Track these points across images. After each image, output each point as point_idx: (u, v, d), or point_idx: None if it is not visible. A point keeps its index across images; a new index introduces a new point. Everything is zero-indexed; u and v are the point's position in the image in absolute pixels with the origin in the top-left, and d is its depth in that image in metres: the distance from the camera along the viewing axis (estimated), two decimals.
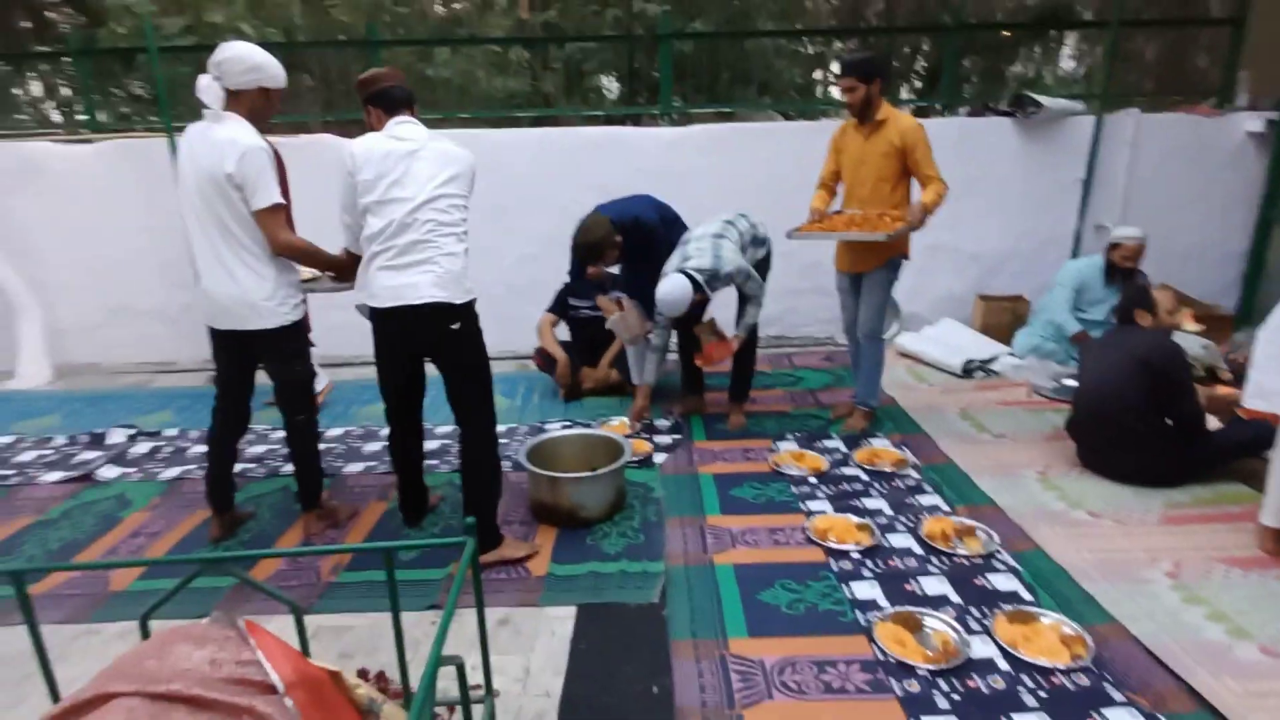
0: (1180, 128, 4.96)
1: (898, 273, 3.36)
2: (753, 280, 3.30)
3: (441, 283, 2.27)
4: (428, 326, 2.30)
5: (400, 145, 2.31)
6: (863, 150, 3.24)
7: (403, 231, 2.25)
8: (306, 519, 2.68)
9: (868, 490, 2.90)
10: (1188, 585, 2.24)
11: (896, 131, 3.11)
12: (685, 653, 1.99)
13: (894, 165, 3.17)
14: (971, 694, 1.81)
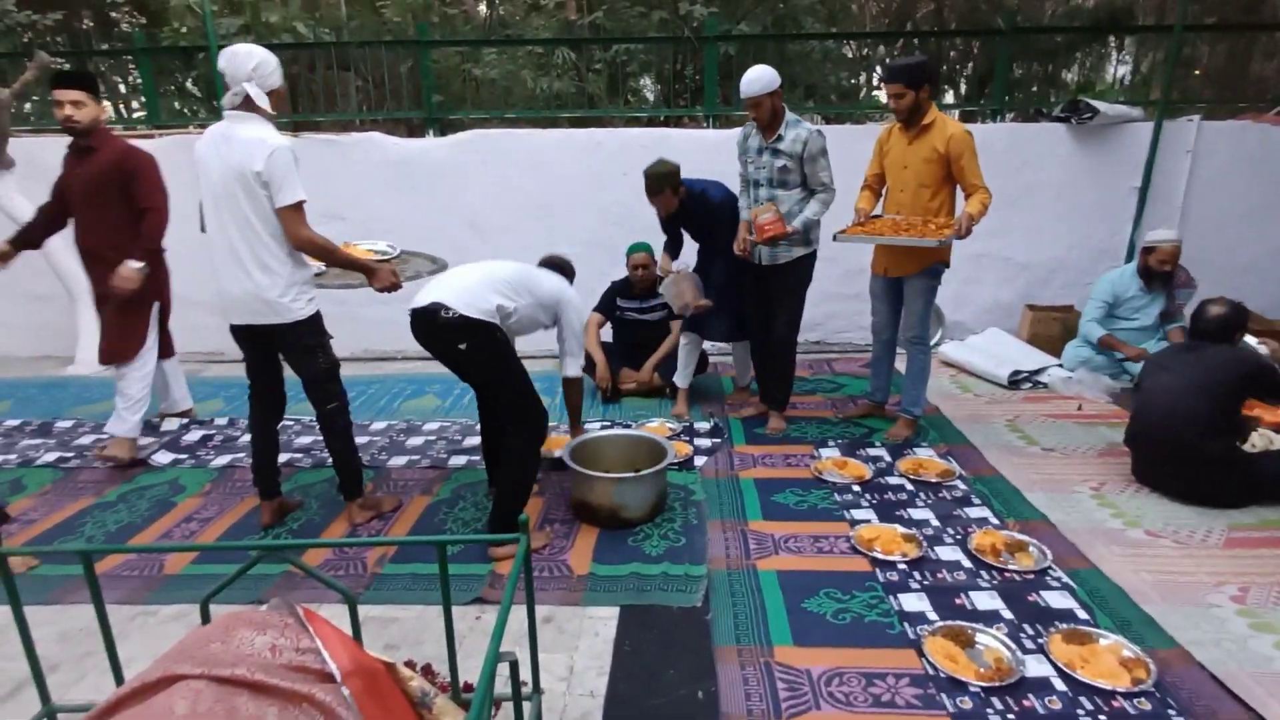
0: (1243, 136, 4.79)
1: (939, 279, 3.31)
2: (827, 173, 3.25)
3: (463, 299, 2.44)
4: (443, 337, 2.46)
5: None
6: (906, 154, 3.21)
7: None
8: (350, 509, 2.73)
9: (913, 500, 2.84)
10: (1256, 611, 2.14)
11: (943, 138, 3.07)
12: (730, 658, 1.96)
13: (937, 171, 3.13)
14: (1027, 713, 1.76)
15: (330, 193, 2.78)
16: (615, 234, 4.82)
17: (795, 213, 3.26)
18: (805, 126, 3.20)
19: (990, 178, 4.91)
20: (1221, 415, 2.75)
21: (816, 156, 3.19)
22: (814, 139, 3.17)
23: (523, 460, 2.52)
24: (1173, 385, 2.84)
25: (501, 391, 2.56)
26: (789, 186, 3.27)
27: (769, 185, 3.30)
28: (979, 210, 3.03)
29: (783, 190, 3.28)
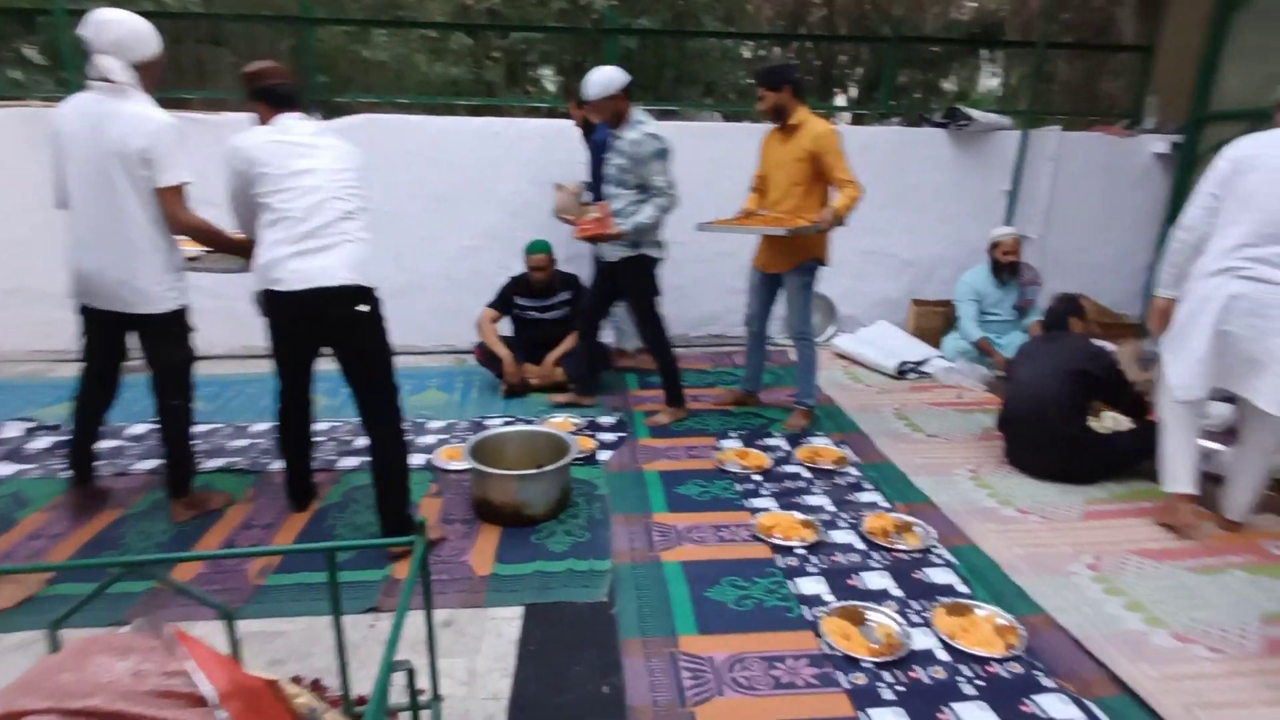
0: (1096, 146, 5.27)
1: (814, 276, 3.43)
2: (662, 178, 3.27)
3: (351, 265, 2.29)
4: (338, 310, 2.31)
5: (293, 137, 2.33)
6: (780, 155, 3.33)
7: (312, 216, 2.27)
8: (174, 507, 2.61)
9: (810, 488, 2.95)
10: (1108, 577, 2.36)
11: (810, 136, 3.19)
12: (635, 651, 1.96)
13: (806, 169, 3.24)
14: (914, 685, 1.85)
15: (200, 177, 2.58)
16: (515, 226, 4.73)
17: (626, 213, 3.29)
18: (643, 129, 3.21)
19: (878, 178, 5.17)
20: (1075, 399, 3.01)
21: (648, 160, 3.21)
22: (646, 142, 3.18)
23: (405, 445, 2.46)
24: (1036, 373, 3.09)
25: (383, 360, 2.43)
26: (625, 186, 3.31)
27: (610, 183, 3.36)
28: (844, 204, 3.15)
29: (619, 189, 3.33)
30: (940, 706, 1.78)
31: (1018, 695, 1.83)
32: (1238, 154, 2.43)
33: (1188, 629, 2.10)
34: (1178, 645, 2.03)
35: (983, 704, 1.79)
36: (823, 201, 3.30)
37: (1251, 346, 2.36)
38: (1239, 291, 2.36)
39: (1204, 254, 2.47)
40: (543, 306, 4.07)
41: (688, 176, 4.93)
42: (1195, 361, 2.46)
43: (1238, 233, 2.37)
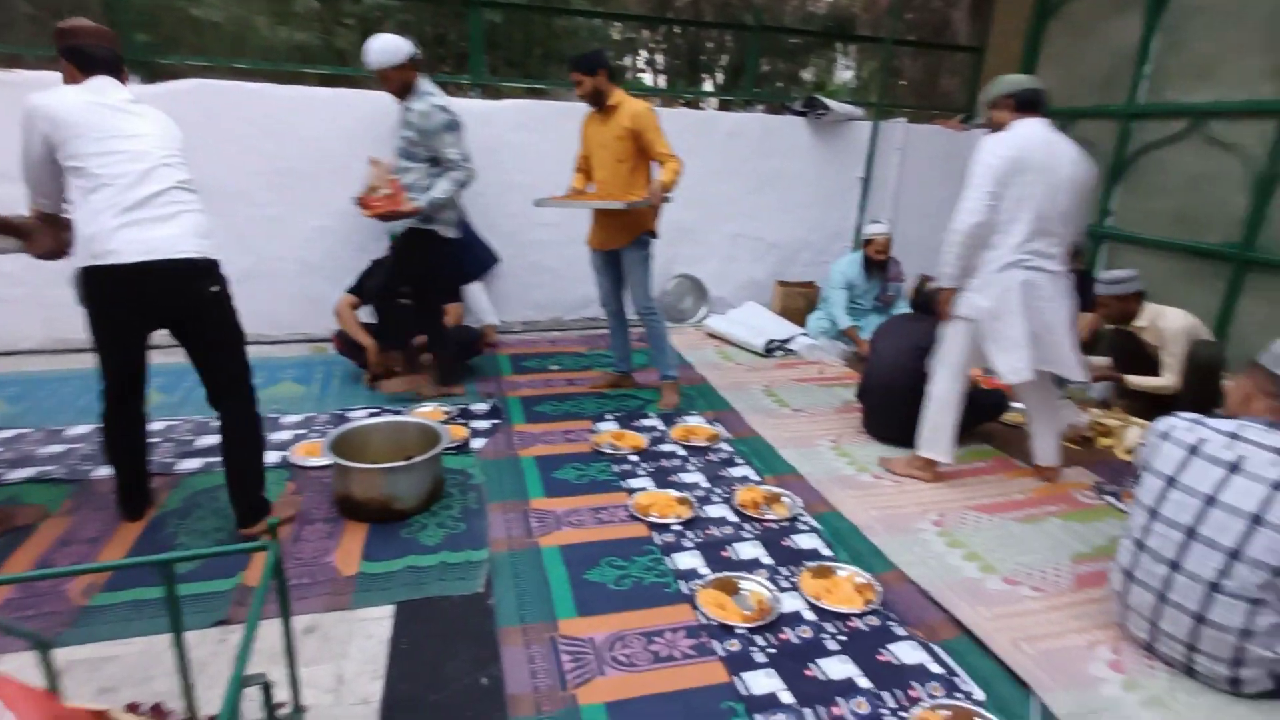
0: (936, 138, 5.71)
1: (649, 249, 3.54)
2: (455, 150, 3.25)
3: (196, 236, 2.12)
4: (183, 286, 2.11)
5: (109, 100, 2.10)
6: (601, 134, 3.41)
7: (143, 183, 2.06)
8: None
9: (685, 465, 3.02)
10: (950, 532, 2.60)
11: (629, 115, 3.28)
12: (514, 639, 1.93)
13: (628, 147, 3.33)
14: (784, 645, 1.95)
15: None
16: None
17: (418, 187, 3.26)
18: (431, 100, 3.18)
19: (745, 163, 5.34)
20: (922, 374, 3.25)
21: (439, 132, 3.19)
22: (435, 114, 3.16)
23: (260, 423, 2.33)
24: (894, 347, 3.33)
25: (236, 342, 2.28)
26: (415, 159, 3.27)
27: (399, 156, 3.30)
28: (669, 177, 3.26)
29: (409, 162, 3.28)
30: (807, 663, 1.89)
31: (875, 646, 1.97)
32: (1009, 154, 2.58)
33: (1014, 572, 2.35)
34: (1007, 588, 2.27)
35: (845, 657, 1.92)
36: (648, 178, 3.42)
37: (1037, 326, 2.70)
38: (1026, 279, 2.65)
39: (992, 248, 2.67)
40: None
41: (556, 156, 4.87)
42: (1018, 347, 2.72)
43: (1020, 230, 2.62)
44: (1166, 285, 4.35)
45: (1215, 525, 1.79)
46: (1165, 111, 4.41)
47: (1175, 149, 4.37)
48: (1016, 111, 2.68)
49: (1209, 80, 4.17)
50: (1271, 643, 1.76)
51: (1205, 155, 4.19)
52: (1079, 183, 2.66)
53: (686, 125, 5.06)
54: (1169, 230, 4.42)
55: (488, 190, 4.60)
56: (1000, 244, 2.67)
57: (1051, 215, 2.63)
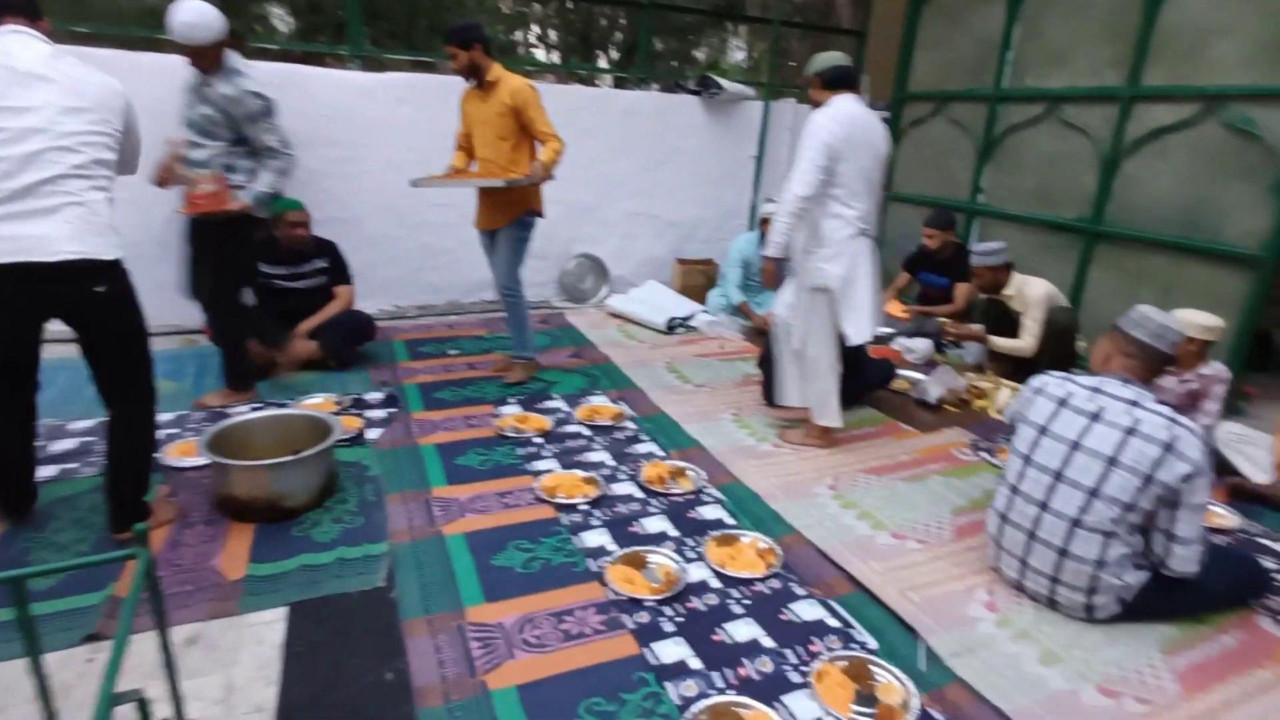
0: None
1: (530, 230, 3.51)
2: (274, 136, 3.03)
3: (80, 234, 1.88)
4: (64, 289, 1.90)
5: (13, 63, 1.86)
6: (481, 111, 3.35)
7: (22, 170, 1.83)
8: None
9: (590, 445, 3.02)
10: (844, 494, 2.73)
11: (508, 91, 3.23)
12: (419, 631, 1.88)
13: (509, 124, 3.29)
14: (692, 613, 2.00)
15: None
16: None
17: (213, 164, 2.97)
18: (244, 85, 2.90)
19: (641, 142, 5.35)
20: None
21: (256, 118, 2.95)
22: (247, 100, 2.90)
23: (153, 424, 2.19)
24: None
25: (133, 343, 2.10)
26: (213, 139, 3.00)
27: (193, 130, 2.99)
28: (550, 157, 3.25)
29: (204, 139, 2.99)
30: (714, 629, 1.95)
31: (777, 606, 2.05)
32: (840, 130, 2.69)
33: (901, 528, 2.51)
34: (895, 543, 2.42)
35: (749, 620, 1.99)
36: (531, 156, 3.39)
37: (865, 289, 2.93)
38: (869, 246, 2.91)
39: (838, 218, 2.80)
40: (293, 274, 3.66)
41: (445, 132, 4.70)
42: (864, 308, 2.92)
43: (861, 200, 2.81)
44: (1030, 257, 4.72)
45: (1079, 467, 1.98)
46: (1026, 95, 4.75)
47: (1035, 130, 4.72)
48: (824, 89, 2.83)
49: (1062, 67, 4.52)
50: (1120, 571, 1.97)
51: (1060, 136, 4.55)
52: (884, 154, 2.91)
53: (581, 103, 5.01)
54: (1031, 206, 4.78)
55: (373, 169, 4.39)
56: (846, 214, 2.82)
57: (875, 184, 2.90)
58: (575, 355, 4.13)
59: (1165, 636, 2.02)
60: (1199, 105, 3.78)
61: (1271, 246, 3.51)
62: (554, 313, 5.00)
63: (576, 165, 5.03)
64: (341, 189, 4.44)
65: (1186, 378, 3.19)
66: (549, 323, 4.75)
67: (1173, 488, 1.89)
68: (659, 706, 1.67)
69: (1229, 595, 2.13)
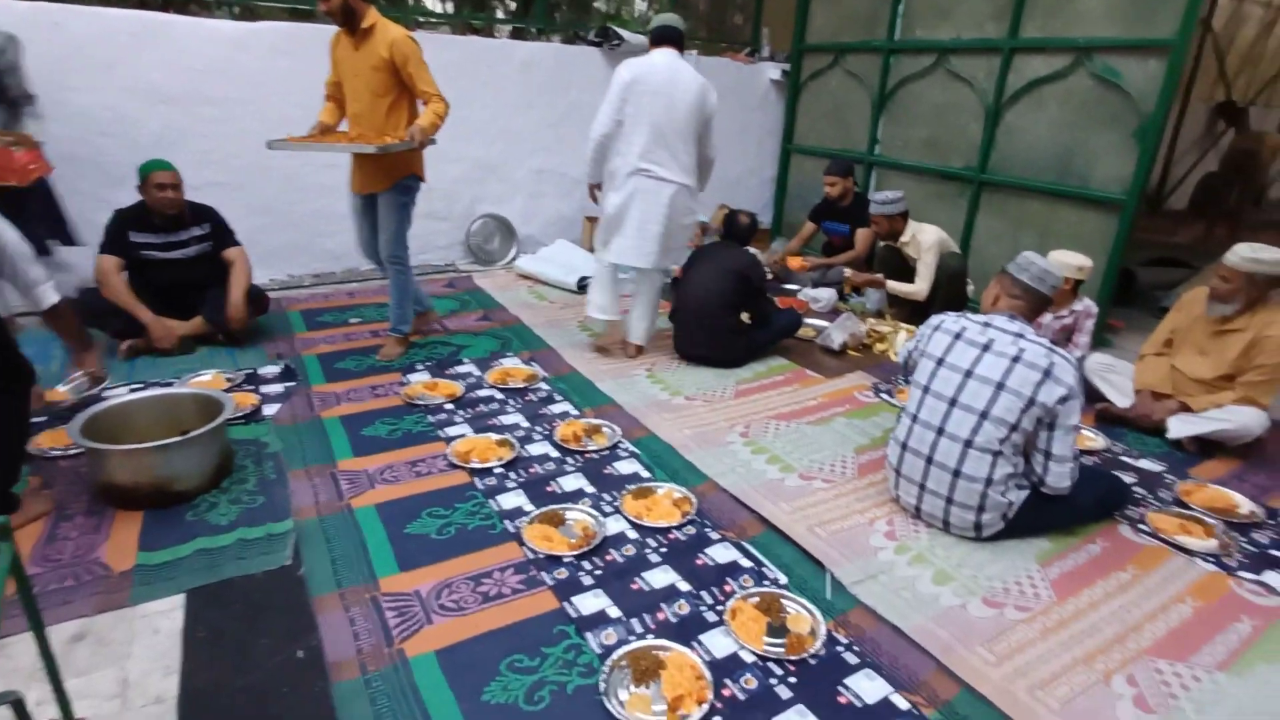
0: (726, 71, 5.92)
1: (412, 196, 3.30)
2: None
3: None
4: None
5: None
6: (354, 62, 3.05)
7: None
8: None
9: (504, 408, 2.98)
10: (755, 441, 2.82)
11: (384, 43, 2.97)
12: (332, 606, 1.83)
13: (386, 80, 3.04)
14: (610, 565, 2.03)
15: None
16: (107, 148, 3.82)
17: None
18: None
19: (542, 95, 5.19)
20: (732, 297, 3.46)
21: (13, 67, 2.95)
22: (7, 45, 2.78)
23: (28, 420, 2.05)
24: (705, 272, 3.48)
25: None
26: None
27: None
28: (431, 120, 3.06)
29: None
30: (633, 578, 1.99)
31: (693, 552, 2.12)
32: (630, 76, 3.17)
33: (808, 469, 2.62)
34: (803, 483, 2.53)
35: (666, 567, 2.04)
36: (411, 116, 3.16)
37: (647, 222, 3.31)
38: (640, 186, 3.27)
39: (620, 155, 3.25)
40: (170, 243, 3.37)
41: None
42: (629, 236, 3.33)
43: (640, 141, 3.20)
44: (924, 205, 4.93)
45: (971, 393, 2.13)
46: (916, 47, 4.90)
47: (925, 81, 4.89)
48: (651, 45, 3.30)
49: (949, 20, 4.67)
50: (1004, 489, 2.14)
51: (948, 87, 4.74)
52: (695, 107, 3.22)
53: (477, 54, 4.81)
54: (923, 155, 4.98)
55: (252, 127, 4.08)
56: (626, 153, 3.24)
57: (667, 132, 3.20)
58: (485, 318, 4.04)
59: (1041, 549, 2.21)
60: (1070, 57, 4.00)
61: (1132, 190, 3.79)
62: (461, 275, 4.86)
63: (476, 121, 4.87)
64: (220, 151, 4.12)
65: (1061, 313, 3.44)
66: (456, 286, 4.62)
67: (1050, 409, 2.06)
68: (580, 657, 1.70)
69: (1096, 508, 2.35)
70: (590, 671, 1.66)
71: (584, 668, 1.67)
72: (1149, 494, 2.58)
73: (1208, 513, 2.44)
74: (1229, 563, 2.19)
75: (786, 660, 1.72)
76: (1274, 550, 2.28)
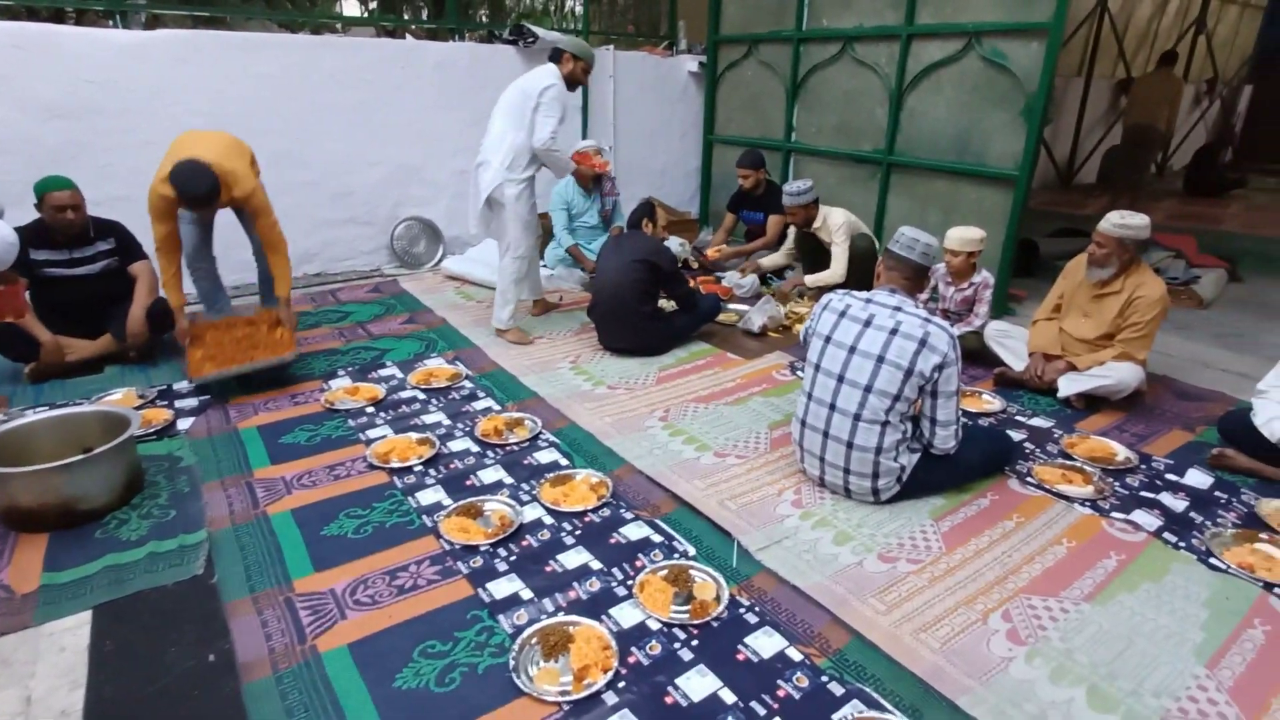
0: (645, 65, 6.00)
1: None
2: None
3: None
4: None
5: None
6: None
7: None
8: None
9: (426, 408, 3.01)
10: (674, 424, 2.91)
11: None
12: (244, 610, 1.85)
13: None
14: (525, 550, 2.10)
15: None
16: (3, 165, 3.69)
17: None
18: None
19: (460, 97, 5.19)
20: (645, 285, 3.54)
21: None
22: None
23: None
24: (614, 264, 3.55)
25: None
26: None
27: None
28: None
29: None
30: (547, 561, 2.05)
31: (608, 533, 2.19)
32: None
33: (723, 447, 2.72)
34: (717, 460, 2.63)
35: (580, 548, 2.12)
36: None
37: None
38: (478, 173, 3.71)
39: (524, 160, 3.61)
40: (71, 260, 3.28)
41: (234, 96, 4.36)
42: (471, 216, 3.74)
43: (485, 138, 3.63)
44: (839, 189, 5.11)
45: (856, 369, 2.25)
46: (823, 36, 5.06)
47: (833, 69, 5.06)
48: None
49: (851, 8, 4.84)
50: (896, 455, 2.27)
51: (855, 74, 4.91)
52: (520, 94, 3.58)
53: (391, 57, 4.79)
54: (836, 141, 5.15)
55: (155, 139, 3.98)
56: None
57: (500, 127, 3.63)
58: (410, 321, 4.04)
59: (935, 506, 2.36)
60: (961, 41, 4.20)
61: (1024, 166, 4.02)
62: (386, 280, 4.83)
63: (394, 125, 4.85)
64: (122, 164, 4.01)
65: (962, 286, 3.63)
66: (381, 291, 4.60)
67: (928, 376, 2.19)
68: (492, 638, 1.76)
69: (984, 465, 2.51)
70: (501, 651, 1.72)
71: (495, 648, 1.73)
72: (1038, 449, 2.77)
73: (1088, 462, 2.64)
74: (1103, 505, 2.38)
75: (690, 625, 1.81)
76: (1144, 492, 2.48)
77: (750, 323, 3.95)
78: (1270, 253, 5.83)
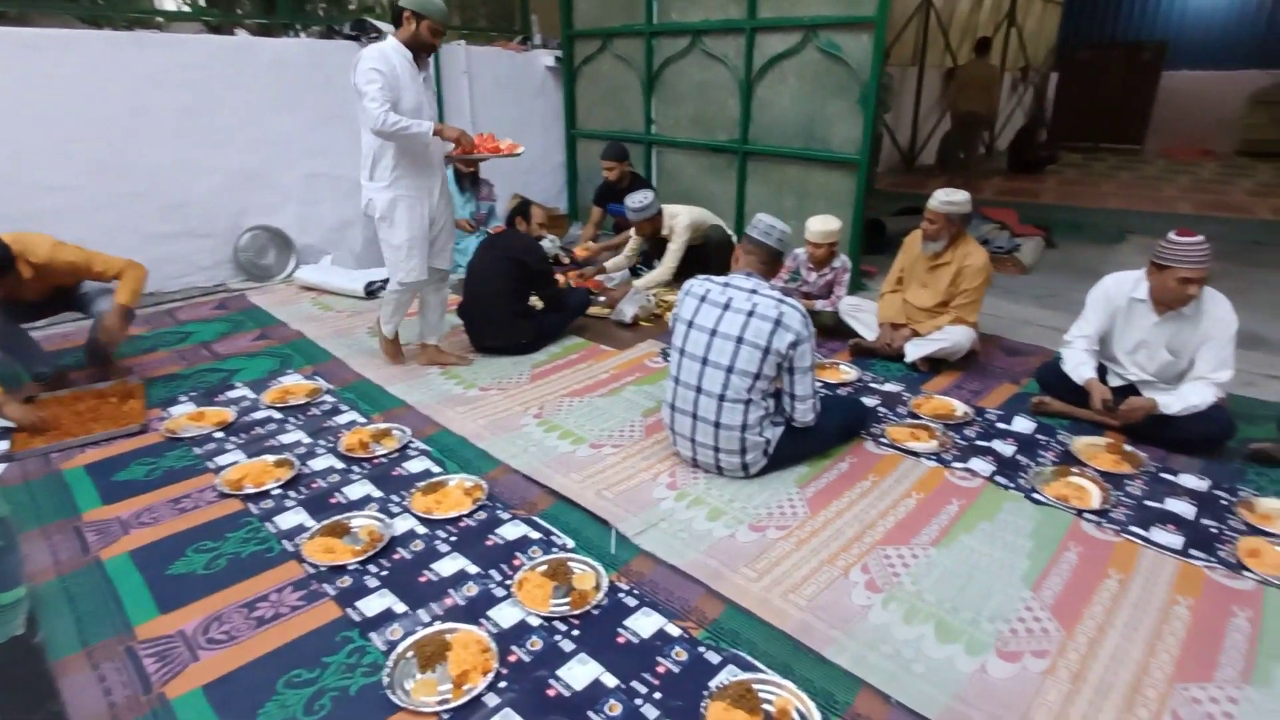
0: (500, 60, 5.91)
1: None
2: None
3: None
4: None
5: None
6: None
7: None
8: None
9: (283, 428, 2.83)
10: (549, 420, 2.90)
11: None
12: (77, 667, 1.67)
13: None
14: (397, 564, 2.02)
15: None
16: None
17: None
18: None
19: (301, 95, 4.91)
20: (515, 283, 3.50)
21: None
22: None
23: None
24: (485, 263, 3.49)
25: None
26: None
27: None
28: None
29: None
30: (421, 571, 1.99)
31: (483, 535, 2.16)
32: None
33: (598, 438, 2.75)
34: (593, 452, 2.65)
35: (455, 554, 2.07)
36: None
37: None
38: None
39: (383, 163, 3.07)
40: None
41: (40, 104, 3.95)
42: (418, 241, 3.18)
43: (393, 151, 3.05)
44: (699, 179, 5.26)
45: (718, 351, 2.33)
46: (673, 29, 5.17)
47: (685, 61, 5.18)
48: None
49: (697, 3, 4.98)
50: (760, 430, 2.37)
51: (706, 66, 5.06)
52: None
53: (218, 54, 4.44)
54: (693, 132, 5.29)
55: None
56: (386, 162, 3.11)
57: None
58: (261, 337, 3.78)
59: (800, 474, 2.49)
60: (800, 34, 4.43)
61: (863, 150, 4.30)
62: (233, 295, 4.49)
63: (226, 128, 4.51)
64: None
65: (824, 271, 3.85)
66: (228, 307, 4.27)
67: (784, 354, 2.31)
68: (365, 658, 1.69)
69: (842, 432, 2.68)
70: (375, 670, 1.65)
71: (368, 667, 1.66)
72: (890, 412, 2.98)
73: (932, 419, 2.87)
74: (946, 457, 2.60)
75: (571, 616, 1.82)
76: (980, 441, 2.73)
77: (622, 314, 3.99)
78: (1080, 220, 6.56)
